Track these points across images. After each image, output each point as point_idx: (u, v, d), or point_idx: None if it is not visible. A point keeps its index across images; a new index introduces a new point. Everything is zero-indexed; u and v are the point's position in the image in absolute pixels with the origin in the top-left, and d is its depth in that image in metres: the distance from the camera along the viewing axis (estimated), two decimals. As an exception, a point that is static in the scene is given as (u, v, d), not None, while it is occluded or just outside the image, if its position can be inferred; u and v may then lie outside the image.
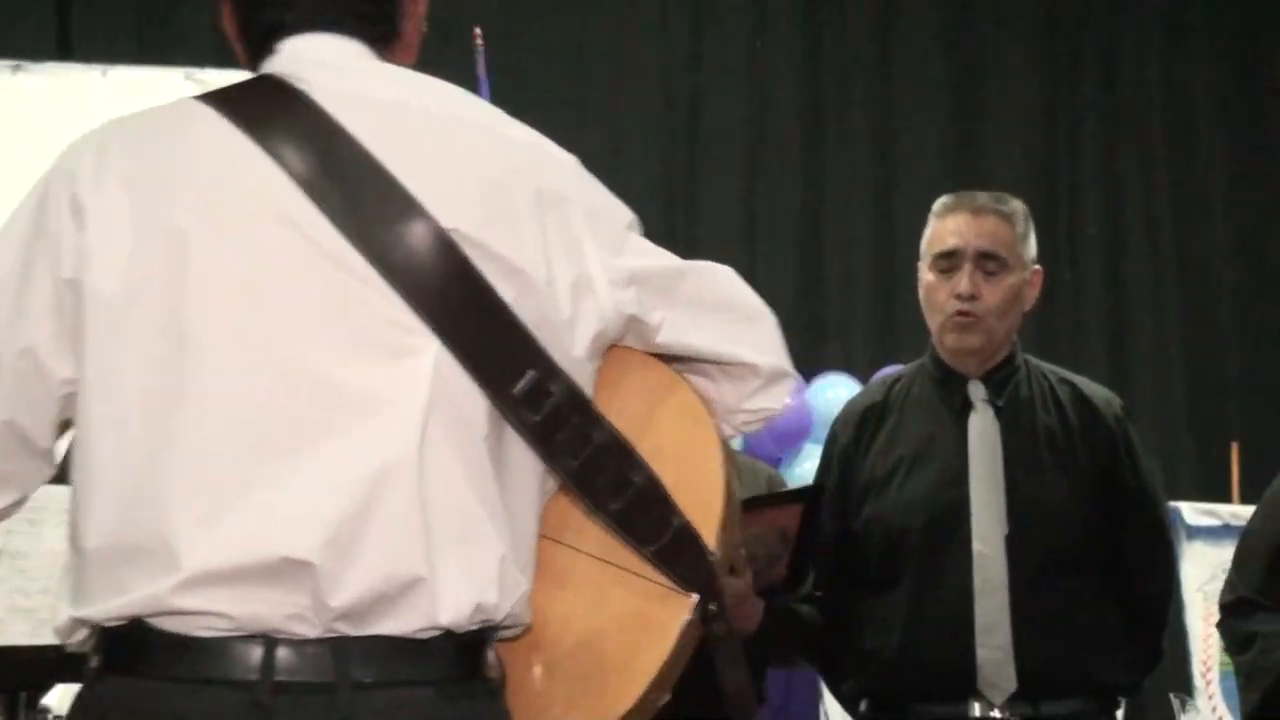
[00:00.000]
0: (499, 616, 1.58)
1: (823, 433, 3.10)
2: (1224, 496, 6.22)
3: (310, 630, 1.50)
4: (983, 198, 2.88)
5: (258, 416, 1.52)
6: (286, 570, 1.48)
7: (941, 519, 2.78)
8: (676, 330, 1.73)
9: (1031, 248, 2.89)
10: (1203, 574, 5.78)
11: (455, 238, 1.57)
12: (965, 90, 7.44)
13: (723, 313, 1.78)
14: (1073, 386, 2.92)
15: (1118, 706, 2.90)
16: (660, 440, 1.71)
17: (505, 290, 1.59)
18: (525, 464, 1.64)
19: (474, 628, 1.56)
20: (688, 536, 1.67)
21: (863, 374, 5.86)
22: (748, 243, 7.21)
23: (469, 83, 5.54)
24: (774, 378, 1.80)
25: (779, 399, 1.82)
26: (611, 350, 1.73)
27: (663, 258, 1.74)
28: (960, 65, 7.46)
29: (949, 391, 2.87)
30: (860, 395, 3.10)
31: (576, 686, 1.68)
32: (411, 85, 1.68)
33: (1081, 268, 7.37)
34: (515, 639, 1.66)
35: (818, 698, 5.03)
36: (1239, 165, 7.55)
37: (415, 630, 1.52)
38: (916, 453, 2.85)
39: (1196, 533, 5.90)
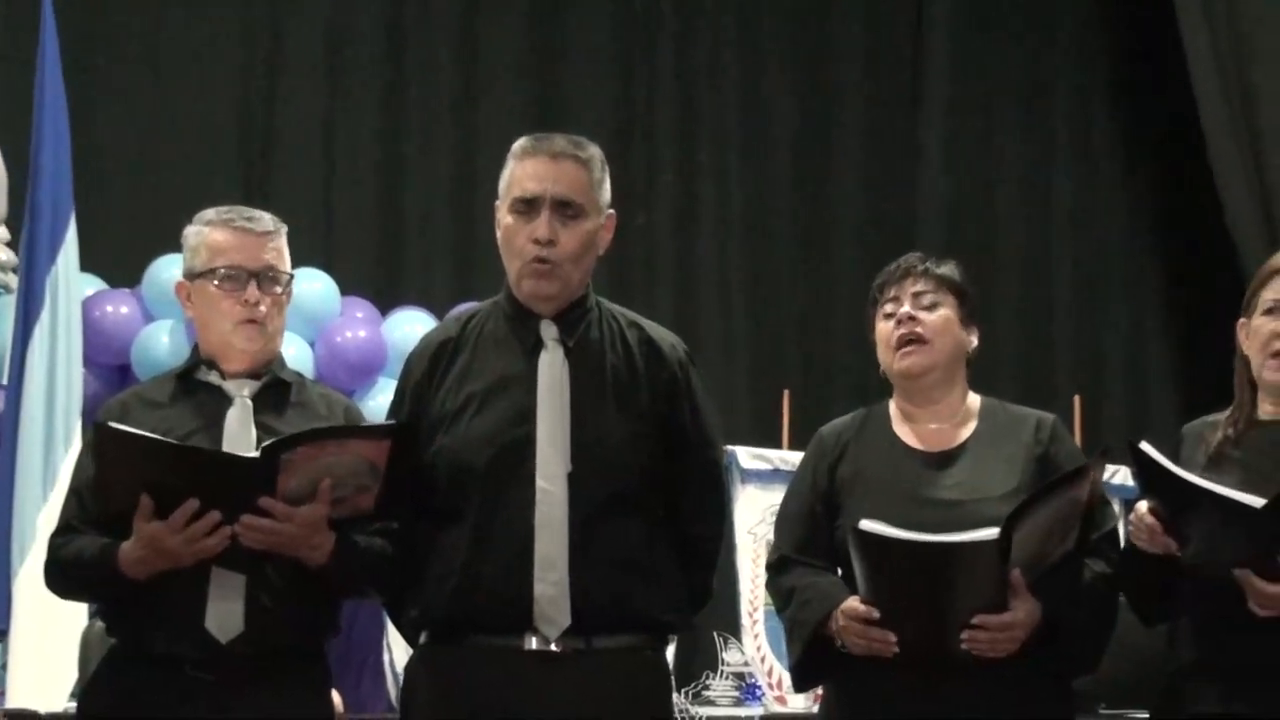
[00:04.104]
0: None
1: (397, 367, 3.09)
2: (776, 442, 6.51)
3: None
4: (561, 142, 2.88)
5: None
6: None
7: (507, 455, 2.81)
8: None
9: (607, 193, 2.93)
10: (753, 516, 6.01)
11: None
12: (546, 32, 7.50)
13: None
14: (640, 329, 2.97)
15: (668, 643, 3.00)
16: None
17: None
18: None
19: None
20: None
21: (439, 309, 5.87)
22: (326, 175, 7.10)
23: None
24: None
25: None
26: None
27: None
28: (542, 6, 7.52)
29: (522, 330, 2.90)
30: (435, 330, 3.09)
31: None
32: None
33: (654, 213, 7.57)
34: None
35: (381, 630, 5.03)
36: (804, 121, 7.91)
37: None
38: (487, 389, 2.86)
39: (750, 476, 6.13)
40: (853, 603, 2.85)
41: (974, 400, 3.09)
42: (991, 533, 2.75)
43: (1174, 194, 8.11)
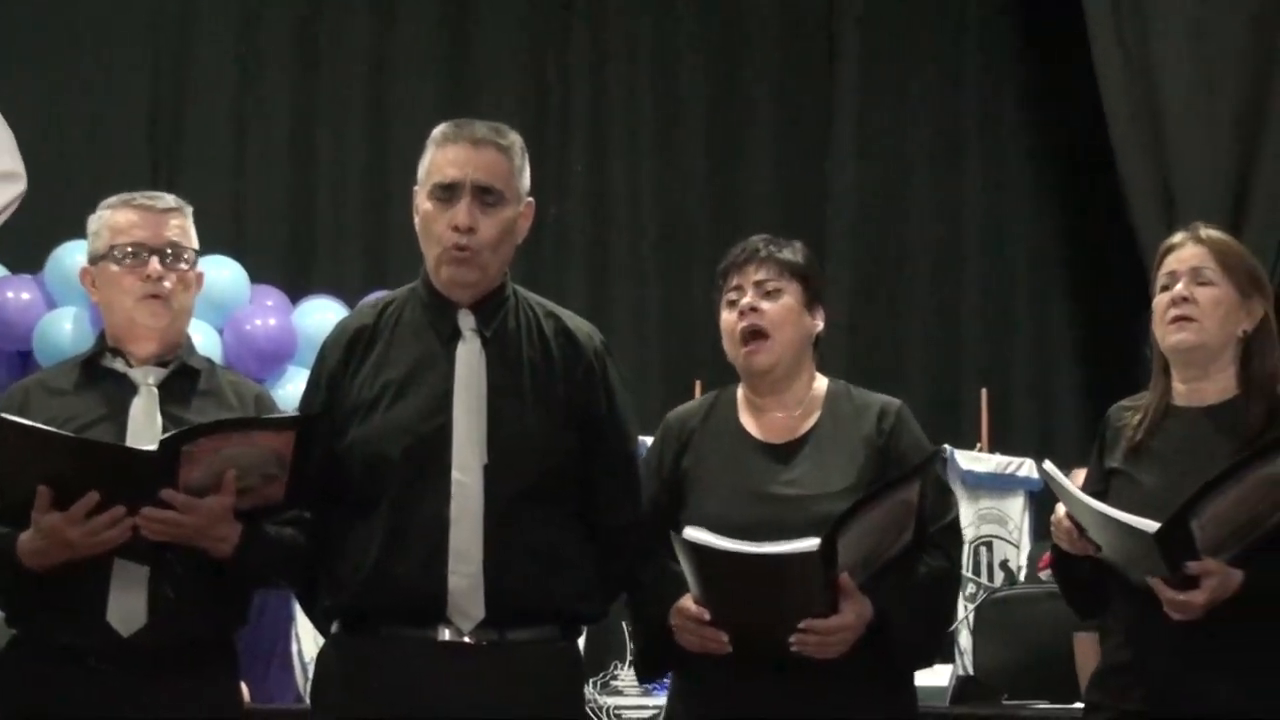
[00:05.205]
0: None
1: (308, 355, 3.07)
2: (687, 432, 6.51)
3: None
4: (482, 129, 2.87)
5: None
6: None
7: (423, 445, 2.79)
8: None
9: (526, 181, 2.91)
10: (664, 505, 6.01)
11: None
12: (459, 20, 7.48)
13: None
14: (557, 319, 2.96)
15: (580, 634, 2.99)
16: None
17: None
18: None
19: None
20: None
21: (350, 298, 5.82)
22: (237, 163, 7.03)
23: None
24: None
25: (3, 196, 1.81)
26: None
27: None
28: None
29: (439, 319, 2.87)
30: (350, 317, 3.06)
31: None
32: None
33: (566, 203, 7.56)
34: None
35: (290, 620, 4.99)
36: (716, 111, 7.94)
37: None
38: (404, 378, 2.84)
39: (661, 466, 6.13)
40: (686, 602, 2.85)
41: (820, 385, 3.06)
42: (813, 543, 2.74)
43: (1081, 193, 8.22)
